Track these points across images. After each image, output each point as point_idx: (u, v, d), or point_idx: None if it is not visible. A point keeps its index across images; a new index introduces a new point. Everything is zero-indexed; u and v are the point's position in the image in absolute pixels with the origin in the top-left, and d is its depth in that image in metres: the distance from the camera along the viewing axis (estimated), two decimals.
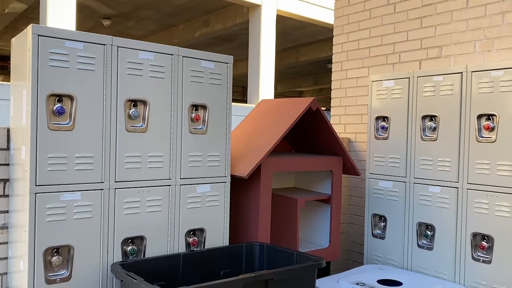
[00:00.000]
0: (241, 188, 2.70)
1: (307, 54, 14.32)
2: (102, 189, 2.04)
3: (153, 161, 2.18)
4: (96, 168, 2.02)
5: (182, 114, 2.26)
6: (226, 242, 2.45)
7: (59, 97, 1.94)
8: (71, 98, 1.96)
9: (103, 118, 2.04)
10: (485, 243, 2.48)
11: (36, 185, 1.88)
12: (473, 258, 2.52)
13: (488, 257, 2.46)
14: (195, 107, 2.32)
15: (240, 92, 18.74)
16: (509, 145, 2.39)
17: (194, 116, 2.31)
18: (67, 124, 1.95)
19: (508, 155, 2.39)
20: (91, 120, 2.00)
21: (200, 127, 2.34)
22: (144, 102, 2.15)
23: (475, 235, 2.52)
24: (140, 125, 2.15)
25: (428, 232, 2.73)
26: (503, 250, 2.40)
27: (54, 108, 1.92)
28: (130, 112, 2.11)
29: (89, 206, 2.00)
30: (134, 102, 2.13)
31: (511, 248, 2.37)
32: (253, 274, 1.87)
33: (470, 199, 2.53)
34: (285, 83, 20.45)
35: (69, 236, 1.95)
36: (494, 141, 2.45)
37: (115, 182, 2.08)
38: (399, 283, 2.48)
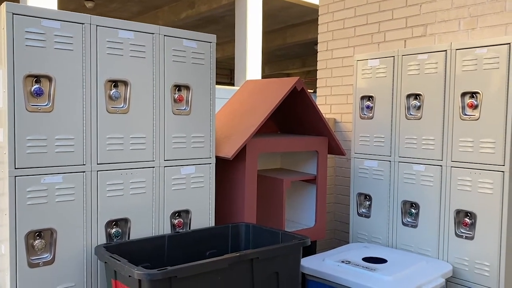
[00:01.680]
0: (226, 169, 2.69)
1: (294, 36, 14.23)
2: (84, 172, 2.01)
3: (135, 143, 2.15)
4: (77, 150, 1.99)
5: (164, 95, 2.23)
6: (212, 224, 2.45)
7: (37, 78, 1.89)
8: (49, 79, 1.91)
9: (83, 99, 2.00)
10: (468, 220, 2.51)
11: (15, 168, 1.84)
12: (456, 235, 2.55)
13: (470, 234, 2.50)
14: (178, 87, 2.29)
15: (228, 75, 18.60)
16: (492, 122, 2.40)
17: (177, 97, 2.27)
18: (46, 105, 1.91)
19: (491, 133, 2.40)
20: (70, 101, 1.96)
21: (183, 108, 2.31)
22: (125, 83, 2.11)
23: (458, 212, 2.55)
24: (121, 106, 2.11)
25: (413, 210, 2.75)
26: (485, 226, 2.43)
27: (32, 89, 1.88)
28: (111, 93, 2.08)
29: (71, 189, 1.97)
30: (115, 83, 2.09)
31: (493, 224, 2.40)
32: (238, 254, 1.87)
33: (454, 176, 2.56)
34: (273, 65, 20.34)
35: (51, 220, 1.92)
36: (478, 119, 2.46)
37: (97, 164, 2.05)
38: (384, 260, 2.51)
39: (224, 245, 2.39)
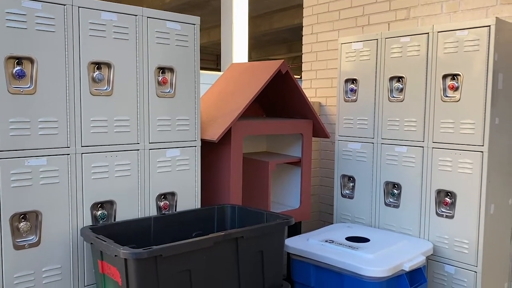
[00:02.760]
0: (212, 152, 2.70)
1: (280, 21, 14.14)
2: (69, 154, 2.01)
3: (120, 125, 2.15)
4: (61, 133, 1.98)
5: (148, 77, 2.23)
6: (198, 206, 2.47)
7: (19, 60, 1.87)
8: (31, 60, 1.90)
9: (66, 81, 1.99)
10: (448, 199, 2.57)
11: None
12: (437, 214, 2.62)
13: (451, 213, 2.57)
14: (162, 70, 2.28)
15: (214, 60, 18.47)
16: (472, 104, 2.45)
17: (161, 79, 2.27)
18: (28, 87, 1.89)
19: (471, 114, 2.46)
20: (53, 84, 1.95)
21: (167, 91, 2.31)
22: (108, 65, 2.10)
23: (439, 192, 2.61)
24: (105, 88, 2.11)
25: (395, 191, 2.81)
26: (464, 205, 2.50)
27: (14, 71, 1.86)
28: (94, 75, 2.07)
29: (56, 171, 1.97)
30: (98, 65, 2.08)
31: (472, 203, 2.47)
32: (223, 233, 1.91)
33: (435, 157, 2.61)
34: (260, 51, 20.24)
35: (36, 202, 1.92)
36: (458, 100, 2.51)
37: (82, 146, 2.05)
38: (367, 240, 2.57)
39: (210, 226, 2.42)
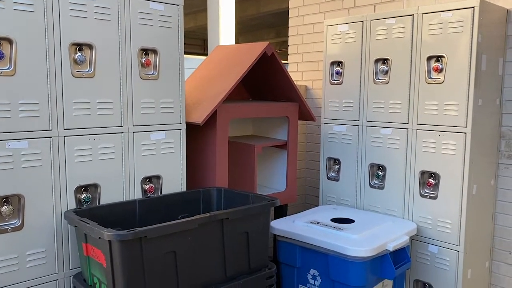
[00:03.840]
0: (197, 135, 2.69)
1: (268, 5, 14.01)
2: (51, 137, 1.98)
3: (103, 108, 2.12)
4: (43, 115, 1.95)
5: (131, 59, 2.19)
6: (183, 189, 2.46)
7: None
8: (9, 41, 1.85)
9: (47, 63, 1.95)
10: (432, 180, 2.61)
11: None
12: (421, 195, 2.65)
13: (434, 193, 2.60)
14: (145, 51, 2.25)
15: (201, 45, 18.28)
16: (455, 85, 2.47)
17: (145, 61, 2.24)
18: (7, 69, 1.85)
19: (455, 95, 2.47)
20: (33, 65, 1.91)
21: (151, 73, 2.28)
22: (90, 46, 2.07)
23: (423, 173, 2.64)
24: (87, 70, 2.07)
25: (380, 173, 2.84)
26: (448, 186, 2.53)
27: None
28: (76, 57, 2.03)
29: (38, 154, 1.95)
30: (79, 46, 2.04)
31: (455, 184, 2.50)
32: (208, 214, 1.91)
33: (419, 139, 2.63)
34: (247, 35, 20.07)
35: (18, 185, 1.90)
36: (442, 82, 2.52)
37: (64, 129, 2.02)
38: (352, 221, 2.60)
39: (196, 209, 2.42)
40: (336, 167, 3.08)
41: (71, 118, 2.04)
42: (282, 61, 2.86)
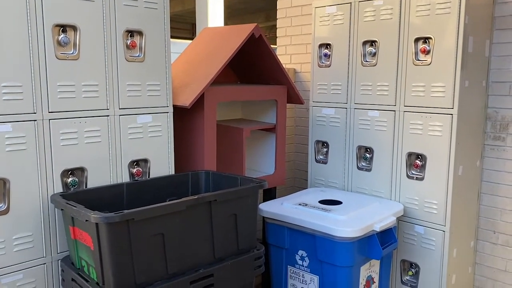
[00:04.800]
0: (185, 118, 2.67)
1: None
2: (35, 120, 1.95)
3: (88, 91, 2.09)
4: (27, 98, 1.92)
5: (116, 41, 2.16)
6: (171, 173, 2.45)
7: None
8: None
9: (30, 44, 1.91)
10: (418, 162, 2.63)
11: None
12: (408, 176, 2.68)
13: (421, 175, 2.63)
14: (131, 33, 2.22)
15: (189, 29, 18.08)
16: (442, 67, 2.48)
17: (130, 43, 2.21)
18: None
19: (442, 77, 2.48)
20: (16, 47, 1.87)
21: (137, 55, 2.25)
22: (74, 28, 2.03)
23: (410, 154, 2.66)
24: (71, 52, 2.04)
25: (367, 155, 2.85)
26: (434, 167, 2.56)
27: None
28: (59, 38, 1.99)
29: (22, 138, 1.92)
30: (63, 28, 2.00)
31: (441, 165, 2.53)
32: (196, 196, 1.91)
33: (406, 121, 2.65)
34: (236, 19, 19.88)
35: (3, 169, 1.88)
36: (429, 64, 2.53)
37: (49, 112, 1.99)
38: (339, 202, 2.62)
39: (184, 192, 2.42)
40: (324, 150, 3.09)
41: (56, 101, 2.01)
42: (272, 46, 2.84)
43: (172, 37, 2.46)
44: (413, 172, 2.66)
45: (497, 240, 2.80)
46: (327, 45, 3.00)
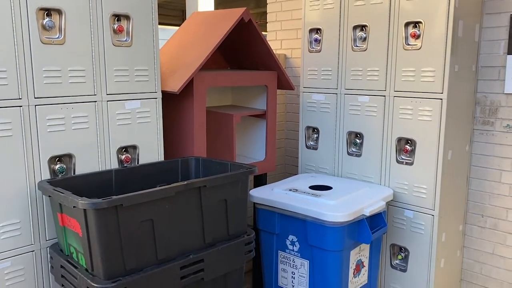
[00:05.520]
0: (174, 104, 2.65)
1: None
2: (21, 106, 1.92)
3: (74, 76, 2.06)
4: (11, 83, 1.88)
5: (103, 25, 2.12)
6: (161, 159, 2.44)
7: None
8: None
9: (13, 28, 1.86)
10: (408, 147, 2.64)
11: None
12: (397, 161, 2.69)
13: (410, 159, 2.64)
14: (117, 17, 2.18)
15: (180, 16, 17.88)
16: (432, 51, 2.47)
17: (117, 27, 2.17)
18: None
19: (432, 62, 2.48)
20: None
21: (124, 39, 2.22)
22: (59, 11, 1.99)
23: (399, 139, 2.67)
24: (56, 36, 2.00)
25: (357, 140, 2.85)
26: (423, 152, 2.57)
27: None
28: (44, 22, 1.95)
29: (8, 124, 1.89)
30: (48, 11, 1.96)
31: (430, 150, 2.54)
32: (185, 182, 1.90)
33: (396, 106, 2.65)
34: (226, 5, 19.66)
35: None
36: (419, 48, 2.52)
37: (35, 98, 1.96)
38: (329, 188, 2.63)
39: (174, 178, 2.40)
40: (315, 136, 3.09)
41: (42, 87, 1.97)
42: (262, 33, 2.81)
43: (162, 23, 2.43)
44: (403, 157, 2.67)
45: (485, 223, 2.83)
46: (318, 30, 2.98)
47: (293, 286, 2.50)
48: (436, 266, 2.62)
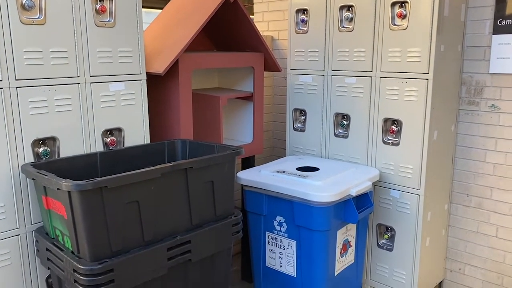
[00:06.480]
0: (160, 86, 2.62)
1: None
2: (2, 88, 1.88)
3: (56, 57, 2.02)
4: None
5: (85, 5, 2.07)
6: (147, 142, 2.42)
7: None
8: None
9: None
10: (394, 127, 2.65)
11: None
12: (384, 142, 2.70)
13: (396, 140, 2.65)
14: None
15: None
16: (418, 31, 2.46)
17: (99, 7, 2.13)
18: None
19: (418, 42, 2.47)
20: None
21: (107, 20, 2.17)
22: None
23: (386, 120, 2.67)
24: (37, 16, 1.95)
25: (344, 122, 2.86)
26: (409, 132, 2.58)
27: None
28: (23, 2, 1.90)
29: None
30: None
31: (416, 130, 2.55)
32: (171, 164, 1.89)
33: (383, 86, 2.65)
34: None
35: None
36: (406, 28, 2.52)
37: (16, 80, 1.92)
38: (316, 169, 2.63)
39: (161, 161, 2.39)
40: (302, 118, 3.09)
41: (23, 68, 1.93)
42: (250, 16, 2.78)
43: (146, 7, 2.38)
44: (389, 138, 2.68)
45: (470, 202, 2.87)
46: (304, 11, 2.95)
47: (281, 266, 2.52)
48: (422, 245, 2.66)
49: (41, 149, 2.03)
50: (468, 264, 2.93)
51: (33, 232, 1.99)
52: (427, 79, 2.47)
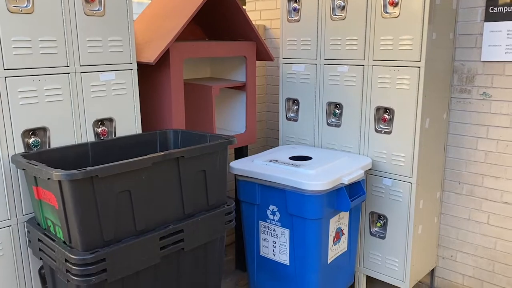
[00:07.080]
0: (151, 76, 2.60)
1: None
2: None
3: (45, 46, 2.00)
4: None
5: None
6: (139, 132, 2.41)
7: None
8: None
9: None
10: (386, 116, 2.65)
11: None
12: (376, 130, 2.70)
13: (389, 128, 2.65)
14: None
15: None
16: (410, 19, 2.45)
17: None
18: None
19: (409, 29, 2.47)
20: None
21: (96, 9, 2.15)
22: None
23: (378, 109, 2.68)
24: (24, 5, 1.92)
25: (337, 111, 2.86)
26: (402, 121, 2.59)
27: None
28: None
29: None
30: None
31: (408, 118, 2.56)
32: (162, 153, 1.88)
33: (375, 75, 2.65)
34: None
35: None
36: (398, 16, 2.51)
37: (4, 70, 1.89)
38: (309, 158, 2.64)
39: (153, 151, 2.38)
40: (295, 107, 3.08)
41: (11, 58, 1.91)
42: (243, 7, 2.76)
43: None
44: (381, 126, 2.69)
45: (461, 190, 2.89)
46: None
47: (274, 255, 2.53)
48: (414, 232, 2.68)
49: (31, 140, 2.02)
50: (460, 251, 2.95)
51: (25, 223, 1.98)
52: (419, 67, 2.47)
